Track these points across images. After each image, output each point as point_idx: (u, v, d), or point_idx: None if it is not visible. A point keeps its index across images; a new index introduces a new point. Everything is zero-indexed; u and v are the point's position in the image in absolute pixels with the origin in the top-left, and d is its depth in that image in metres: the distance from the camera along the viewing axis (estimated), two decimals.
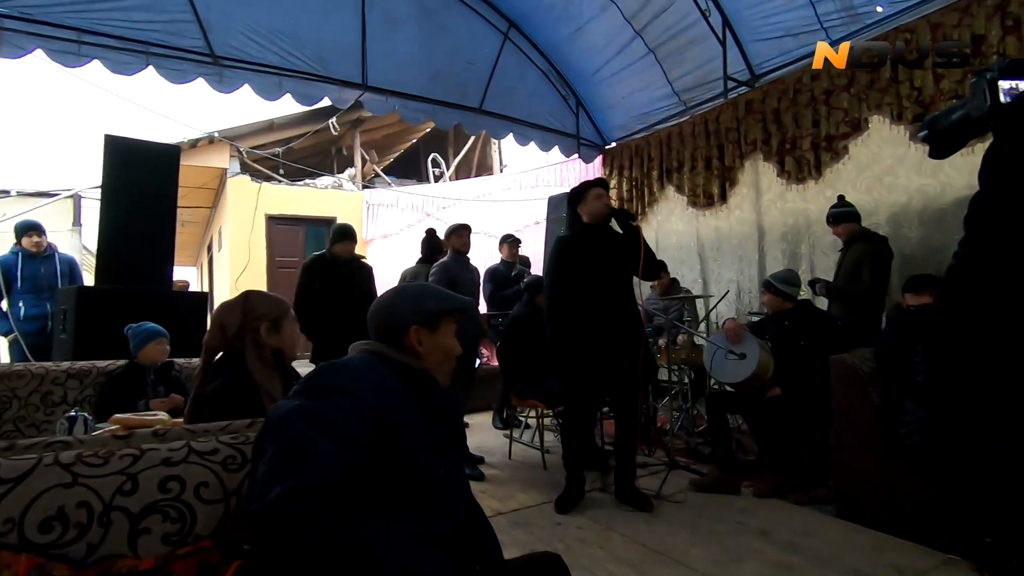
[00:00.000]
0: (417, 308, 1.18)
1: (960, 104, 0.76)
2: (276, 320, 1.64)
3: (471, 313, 3.55)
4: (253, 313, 1.61)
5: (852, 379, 2.56)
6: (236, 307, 1.62)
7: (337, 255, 3.71)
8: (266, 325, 1.61)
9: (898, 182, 3.69)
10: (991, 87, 0.69)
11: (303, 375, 1.14)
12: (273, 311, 1.65)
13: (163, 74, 3.86)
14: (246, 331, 1.58)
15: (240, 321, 1.59)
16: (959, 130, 0.76)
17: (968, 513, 2.09)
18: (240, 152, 8.16)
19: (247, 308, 1.61)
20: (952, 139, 0.78)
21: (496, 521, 2.66)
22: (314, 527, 0.81)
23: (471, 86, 5.23)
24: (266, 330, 1.60)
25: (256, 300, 1.65)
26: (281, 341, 1.64)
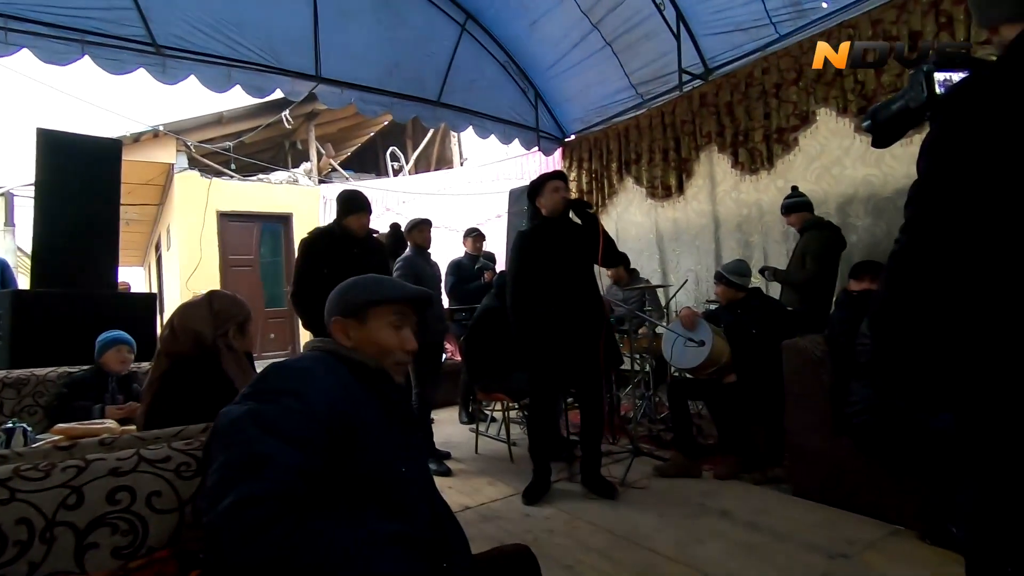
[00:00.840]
0: (340, 299, 1.15)
1: (899, 95, 0.79)
2: (242, 323, 1.60)
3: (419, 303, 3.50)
4: (222, 316, 1.56)
5: (803, 363, 2.66)
6: (204, 310, 1.56)
7: (349, 230, 3.02)
8: (234, 328, 1.57)
9: (845, 172, 3.84)
10: (927, 79, 0.73)
11: None
12: (239, 313, 1.60)
13: (101, 64, 3.65)
14: (218, 336, 1.54)
15: (213, 324, 1.54)
16: (899, 120, 0.79)
17: (911, 485, 2.21)
18: (188, 147, 7.82)
19: (216, 311, 1.56)
20: (893, 129, 0.81)
21: (464, 516, 2.67)
22: (270, 534, 0.78)
23: (429, 78, 5.16)
24: (233, 333, 1.56)
25: (223, 302, 1.60)
26: (245, 344, 1.60)
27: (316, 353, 1.08)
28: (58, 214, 3.39)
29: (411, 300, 1.18)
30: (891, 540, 2.20)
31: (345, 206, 3.01)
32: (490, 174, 7.51)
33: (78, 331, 2.97)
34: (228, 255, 7.96)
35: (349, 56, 4.63)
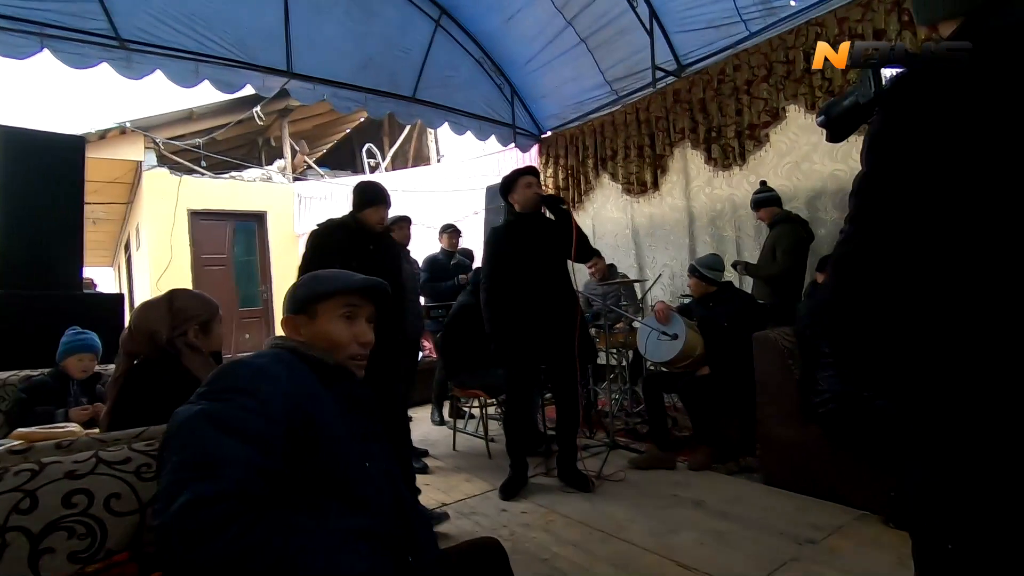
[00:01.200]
0: (290, 295, 1.16)
1: (851, 91, 0.81)
2: (206, 322, 1.57)
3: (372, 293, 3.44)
4: (182, 315, 1.52)
5: (773, 354, 2.71)
6: (162, 309, 1.52)
7: (365, 224, 2.70)
8: (195, 328, 1.53)
9: (814, 168, 3.92)
10: (875, 75, 0.75)
11: None
12: (202, 312, 1.57)
13: (61, 58, 3.53)
14: (175, 335, 1.49)
15: (170, 323, 1.50)
16: (850, 115, 0.81)
17: (876, 471, 2.27)
18: (156, 144, 7.63)
19: (174, 311, 1.52)
20: (845, 124, 0.83)
21: (442, 512, 2.67)
22: (225, 534, 0.76)
23: (404, 74, 5.11)
24: (195, 333, 1.52)
25: (184, 301, 1.56)
26: (210, 344, 1.57)
27: (275, 350, 1.06)
28: (19, 213, 3.29)
29: (359, 290, 1.14)
30: (856, 525, 2.26)
31: (362, 197, 2.71)
32: (467, 171, 7.48)
33: (42, 333, 2.87)
34: (200, 254, 7.80)
35: (321, 51, 4.56)
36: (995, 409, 0.57)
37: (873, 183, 0.65)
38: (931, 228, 0.59)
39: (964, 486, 0.60)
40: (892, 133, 0.64)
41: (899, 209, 0.61)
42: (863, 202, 0.66)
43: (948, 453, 0.62)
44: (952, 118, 0.58)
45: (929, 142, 0.60)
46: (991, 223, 0.56)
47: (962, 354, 0.59)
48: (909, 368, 0.63)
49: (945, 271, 0.59)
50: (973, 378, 0.58)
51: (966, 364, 0.59)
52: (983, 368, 0.58)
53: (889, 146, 0.64)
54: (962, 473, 0.61)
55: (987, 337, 0.57)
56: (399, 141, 10.40)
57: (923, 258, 0.60)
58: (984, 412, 0.58)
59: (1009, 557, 0.57)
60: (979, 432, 0.59)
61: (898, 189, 0.62)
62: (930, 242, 0.59)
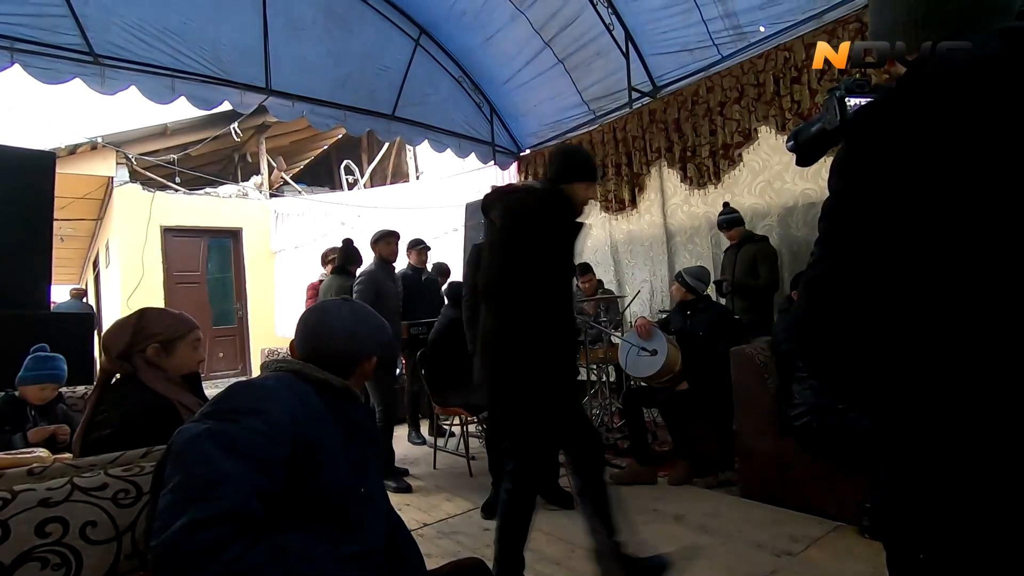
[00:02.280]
0: (380, 341, 1.19)
1: (818, 118, 0.85)
2: (169, 341, 1.50)
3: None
4: (144, 333, 1.47)
5: (750, 368, 2.77)
6: (127, 325, 1.48)
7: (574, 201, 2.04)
8: (155, 346, 1.47)
9: (785, 187, 4.05)
10: (840, 104, 0.79)
11: None
12: (168, 331, 1.51)
13: (33, 73, 3.47)
14: (134, 352, 1.44)
15: (128, 341, 1.45)
16: (818, 141, 0.86)
17: (851, 483, 2.32)
18: (129, 159, 7.49)
19: (139, 327, 1.48)
20: (812, 149, 0.88)
21: (423, 532, 2.64)
22: (224, 556, 0.75)
23: (383, 92, 5.14)
24: (155, 351, 1.46)
25: (151, 319, 1.51)
26: (175, 364, 1.50)
27: (280, 373, 1.06)
28: None
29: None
30: (833, 536, 2.30)
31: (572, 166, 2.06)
32: (447, 188, 7.51)
33: (8, 354, 2.78)
34: (173, 271, 7.63)
35: (300, 68, 4.57)
36: (963, 421, 0.60)
37: (838, 208, 0.69)
38: (895, 249, 0.63)
39: (935, 496, 0.63)
40: (853, 161, 0.68)
41: (863, 232, 0.65)
42: (830, 226, 0.70)
43: (919, 464, 0.65)
44: (908, 148, 0.62)
45: (888, 169, 0.64)
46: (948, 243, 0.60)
47: (930, 367, 0.62)
48: (880, 382, 0.66)
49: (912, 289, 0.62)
50: (942, 391, 0.62)
51: (934, 377, 0.62)
52: (951, 381, 0.61)
53: (851, 173, 0.68)
54: (932, 484, 0.63)
55: (954, 351, 0.61)
56: (378, 158, 10.40)
57: (890, 277, 0.63)
58: (953, 424, 0.61)
59: (979, 566, 0.60)
60: (949, 444, 0.62)
61: (861, 213, 0.65)
62: (895, 262, 0.63)
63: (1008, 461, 0.58)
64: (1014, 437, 0.57)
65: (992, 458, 0.59)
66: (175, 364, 1.50)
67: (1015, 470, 0.57)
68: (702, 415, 3.13)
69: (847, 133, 0.73)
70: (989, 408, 0.59)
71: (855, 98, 0.78)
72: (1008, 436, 0.58)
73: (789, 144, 0.91)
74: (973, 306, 0.59)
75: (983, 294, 0.59)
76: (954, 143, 0.60)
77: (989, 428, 0.59)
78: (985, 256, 0.59)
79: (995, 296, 0.58)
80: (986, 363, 0.59)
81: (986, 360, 0.59)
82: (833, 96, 0.79)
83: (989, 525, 0.59)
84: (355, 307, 1.21)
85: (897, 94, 0.68)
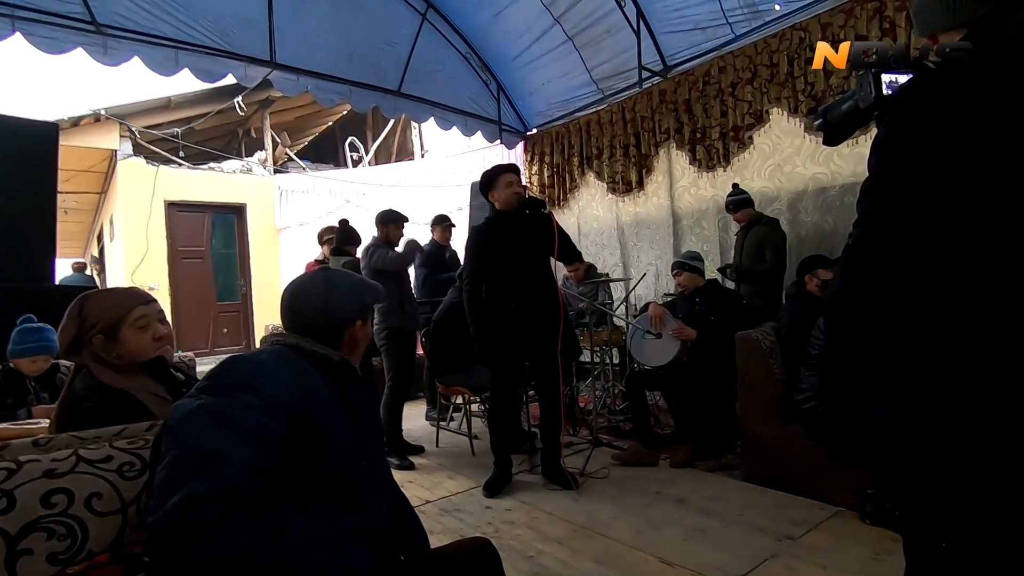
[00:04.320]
0: (360, 303, 1.15)
1: (849, 95, 0.82)
2: (110, 328, 1.29)
3: None
4: (87, 323, 1.28)
5: (755, 354, 2.75)
6: (72, 316, 1.30)
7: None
8: (98, 337, 1.28)
9: (796, 171, 3.98)
10: (876, 80, 0.76)
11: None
12: (107, 317, 1.29)
13: (34, 42, 3.41)
14: (82, 345, 1.28)
15: (73, 333, 1.28)
16: (849, 119, 0.83)
17: (853, 469, 2.32)
18: (132, 132, 7.43)
19: (81, 317, 1.29)
20: (843, 128, 0.84)
21: (425, 509, 2.66)
22: (222, 532, 0.75)
23: (389, 68, 5.06)
24: (99, 342, 1.28)
25: (91, 306, 1.31)
26: (126, 351, 1.30)
27: (276, 347, 1.04)
28: None
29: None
30: (834, 521, 2.31)
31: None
32: (452, 166, 7.44)
33: (9, 328, 2.78)
34: (177, 246, 7.62)
35: (306, 42, 4.48)
36: (996, 411, 0.58)
37: (881, 187, 0.67)
38: (937, 232, 0.60)
39: (961, 486, 0.62)
40: (899, 139, 0.65)
41: (906, 213, 0.62)
42: (871, 206, 0.67)
43: (946, 453, 0.63)
44: (956, 125, 0.59)
45: (935, 148, 0.61)
46: (996, 228, 0.57)
47: (966, 357, 0.60)
48: (913, 369, 0.64)
49: (951, 275, 0.60)
50: (977, 380, 0.60)
51: (970, 367, 0.60)
52: (987, 370, 0.59)
53: (896, 152, 0.65)
54: (959, 473, 0.62)
55: (991, 340, 0.58)
56: (383, 135, 10.30)
57: (930, 261, 0.61)
58: (986, 414, 0.59)
59: (1001, 555, 0.58)
60: (979, 433, 0.60)
61: (905, 194, 0.63)
62: (936, 246, 0.60)
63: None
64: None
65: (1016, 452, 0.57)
66: (126, 351, 1.30)
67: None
68: (705, 399, 3.12)
69: (891, 110, 0.70)
70: None
71: (892, 74, 0.75)
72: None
73: (818, 123, 0.88)
74: (1013, 294, 0.57)
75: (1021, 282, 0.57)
76: (1003, 127, 0.57)
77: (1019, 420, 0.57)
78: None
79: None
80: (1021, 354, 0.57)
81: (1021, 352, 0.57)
82: (868, 72, 0.76)
83: (1013, 518, 0.57)
84: (330, 274, 1.17)
85: (945, 75, 0.64)
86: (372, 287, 1.20)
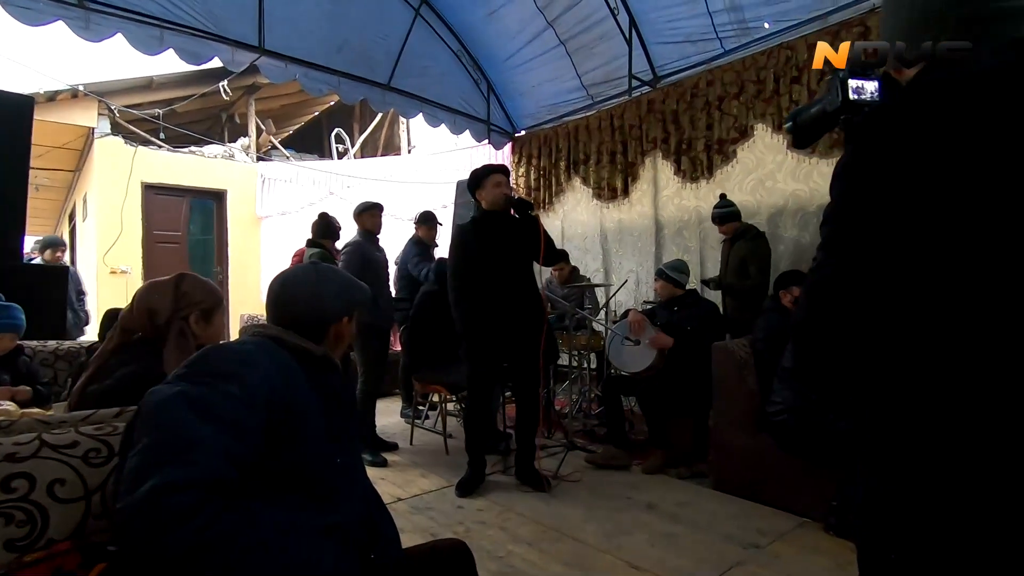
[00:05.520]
0: (348, 300, 1.17)
1: (818, 100, 0.85)
2: (208, 310, 1.52)
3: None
4: (186, 299, 1.48)
5: (730, 364, 2.80)
6: (167, 290, 1.48)
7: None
8: (197, 314, 1.49)
9: (777, 186, 4.06)
10: (842, 85, 0.79)
11: None
12: (207, 299, 1.53)
13: (12, 12, 3.30)
14: (175, 318, 1.45)
15: (171, 307, 1.46)
16: (818, 123, 0.86)
17: (819, 481, 2.37)
18: (111, 110, 7.24)
19: (179, 293, 1.48)
20: (811, 131, 0.87)
21: (397, 507, 2.65)
22: (193, 522, 0.73)
23: (380, 61, 5.02)
24: (195, 320, 1.48)
25: (190, 285, 1.52)
26: (209, 334, 1.52)
27: (258, 339, 1.03)
28: None
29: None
30: (799, 532, 2.36)
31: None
32: (438, 164, 7.41)
33: None
34: (152, 230, 7.44)
35: (296, 30, 4.42)
36: (952, 429, 0.61)
37: (841, 212, 0.69)
38: (896, 256, 0.62)
39: (909, 500, 0.64)
40: (859, 165, 0.68)
41: (865, 238, 0.64)
42: (833, 230, 0.69)
43: (898, 468, 0.66)
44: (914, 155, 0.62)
45: (892, 176, 0.63)
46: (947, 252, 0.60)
47: (925, 374, 0.62)
48: (872, 387, 0.67)
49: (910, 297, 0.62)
50: (933, 398, 0.62)
51: (927, 384, 0.62)
52: (943, 388, 0.62)
53: (857, 177, 0.68)
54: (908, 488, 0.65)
55: (950, 358, 0.61)
56: (370, 128, 10.20)
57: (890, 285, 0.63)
58: (941, 432, 0.62)
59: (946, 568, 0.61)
60: (932, 450, 0.63)
61: (864, 219, 0.65)
62: (896, 270, 0.62)
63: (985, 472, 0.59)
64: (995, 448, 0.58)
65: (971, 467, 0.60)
66: (210, 334, 1.51)
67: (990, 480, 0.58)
68: (679, 407, 3.16)
69: (853, 137, 0.72)
70: (980, 415, 0.59)
71: (858, 80, 0.77)
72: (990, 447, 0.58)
73: (788, 125, 0.91)
74: (970, 316, 0.59)
75: (980, 304, 0.59)
76: (961, 153, 0.59)
77: (976, 435, 0.59)
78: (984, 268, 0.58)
79: (992, 307, 0.58)
80: (980, 371, 0.59)
81: (980, 368, 0.59)
82: (836, 77, 0.79)
83: (959, 532, 0.60)
84: (321, 269, 1.19)
85: (906, 100, 0.67)
86: (360, 286, 1.22)
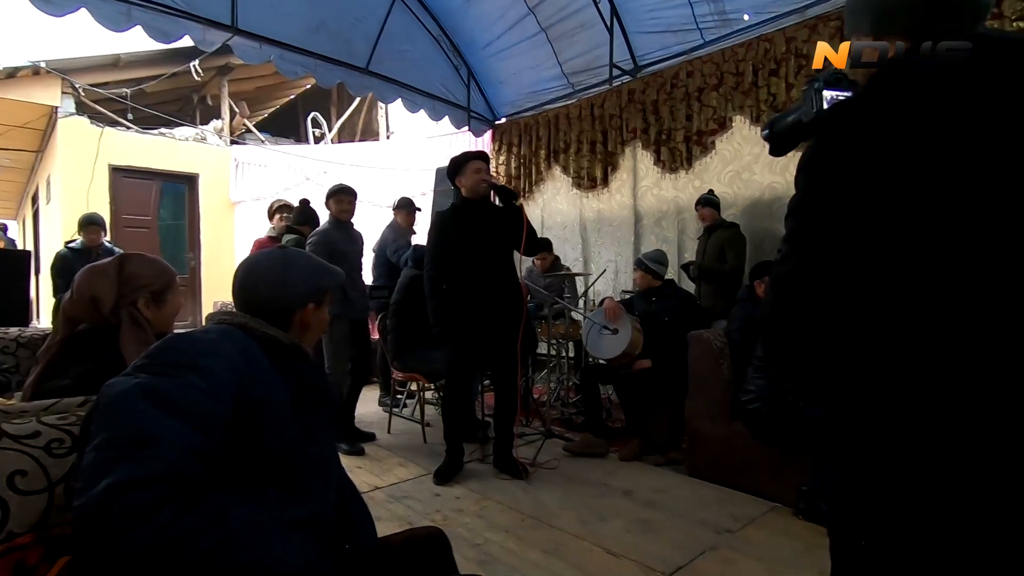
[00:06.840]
0: (315, 286, 1.11)
1: (794, 109, 0.85)
2: (159, 291, 1.43)
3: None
4: (132, 283, 1.38)
5: (706, 353, 2.84)
6: (110, 274, 1.38)
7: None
8: (146, 297, 1.40)
9: (754, 178, 4.11)
10: (817, 96, 0.79)
11: None
12: (156, 281, 1.43)
13: None
14: (122, 304, 1.36)
15: (116, 292, 1.36)
16: (793, 132, 0.86)
17: (789, 467, 2.44)
18: (75, 89, 6.97)
19: (123, 277, 1.38)
20: (787, 140, 0.88)
21: (374, 495, 2.64)
22: (156, 519, 0.69)
23: (358, 44, 4.90)
24: (145, 304, 1.39)
25: (135, 267, 1.42)
26: (162, 317, 1.43)
27: (223, 327, 0.99)
28: None
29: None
30: (770, 516, 2.42)
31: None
32: (417, 150, 7.32)
33: None
34: (121, 214, 7.21)
35: (270, 9, 4.28)
36: (915, 418, 0.63)
37: (804, 206, 0.70)
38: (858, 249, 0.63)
39: (877, 488, 0.66)
40: (821, 160, 0.68)
41: (828, 231, 0.65)
42: (797, 223, 0.70)
43: (866, 457, 0.68)
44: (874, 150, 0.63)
45: (853, 170, 0.64)
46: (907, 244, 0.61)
47: (887, 368, 0.64)
48: (838, 379, 0.68)
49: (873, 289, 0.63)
50: (898, 389, 0.64)
51: (891, 375, 0.64)
52: (907, 379, 0.63)
53: (819, 172, 0.68)
54: (877, 476, 0.66)
55: (913, 350, 0.62)
56: (348, 112, 10.03)
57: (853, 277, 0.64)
58: (904, 420, 0.63)
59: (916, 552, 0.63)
60: (899, 440, 0.64)
61: (827, 212, 0.66)
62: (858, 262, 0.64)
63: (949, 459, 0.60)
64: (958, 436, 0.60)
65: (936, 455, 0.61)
66: (163, 317, 1.43)
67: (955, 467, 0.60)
68: (656, 395, 3.20)
69: (816, 132, 0.73)
70: (943, 405, 0.61)
71: (832, 91, 0.78)
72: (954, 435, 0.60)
73: (764, 133, 0.91)
74: (934, 307, 0.61)
75: (943, 295, 0.60)
76: (920, 148, 0.60)
77: (940, 424, 0.61)
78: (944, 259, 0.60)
79: (954, 297, 0.60)
80: (943, 362, 0.61)
81: (943, 359, 0.61)
82: (811, 88, 0.79)
83: (926, 517, 0.62)
84: (288, 254, 1.13)
85: (866, 97, 0.68)
86: (331, 271, 1.16)
